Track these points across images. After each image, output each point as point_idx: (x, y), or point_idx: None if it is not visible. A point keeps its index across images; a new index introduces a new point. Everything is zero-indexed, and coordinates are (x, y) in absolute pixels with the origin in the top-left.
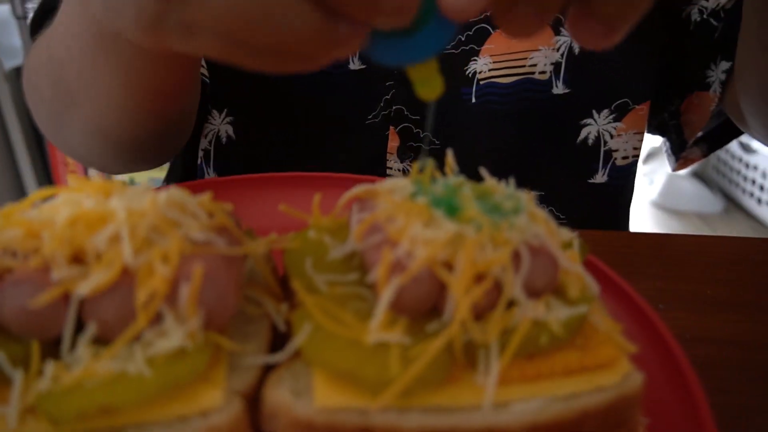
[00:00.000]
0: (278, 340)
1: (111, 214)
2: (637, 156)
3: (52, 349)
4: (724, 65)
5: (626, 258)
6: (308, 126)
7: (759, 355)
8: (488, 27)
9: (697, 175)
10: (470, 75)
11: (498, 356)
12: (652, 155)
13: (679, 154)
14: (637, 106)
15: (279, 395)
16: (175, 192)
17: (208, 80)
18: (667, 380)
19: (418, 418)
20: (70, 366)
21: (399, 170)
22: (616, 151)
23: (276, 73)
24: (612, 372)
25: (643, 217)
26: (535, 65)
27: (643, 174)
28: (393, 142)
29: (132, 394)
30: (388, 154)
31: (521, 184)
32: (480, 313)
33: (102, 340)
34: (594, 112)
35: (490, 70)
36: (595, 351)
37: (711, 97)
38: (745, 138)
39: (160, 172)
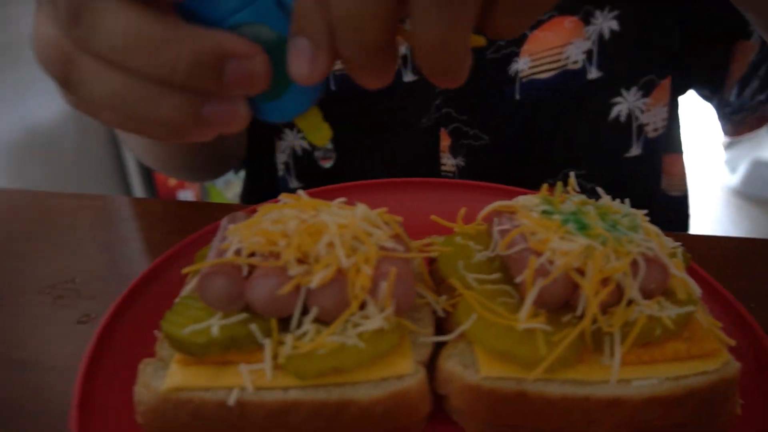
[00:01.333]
0: (437, 324)
1: (325, 226)
2: (666, 127)
3: (282, 325)
4: None
5: (717, 261)
6: (372, 132)
7: None
8: (525, 31)
9: None
10: (512, 75)
11: (620, 343)
12: (734, 143)
13: (737, 115)
14: (662, 81)
15: (451, 366)
16: (363, 208)
17: None
18: (759, 369)
19: (559, 387)
20: (300, 338)
21: (453, 165)
22: (646, 125)
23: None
24: (714, 360)
25: (723, 205)
26: (568, 57)
27: (724, 161)
28: (445, 142)
29: (353, 360)
30: (441, 153)
31: (564, 166)
32: (604, 309)
33: (320, 321)
34: (623, 90)
35: (529, 68)
36: (700, 343)
37: (752, 46)
38: None
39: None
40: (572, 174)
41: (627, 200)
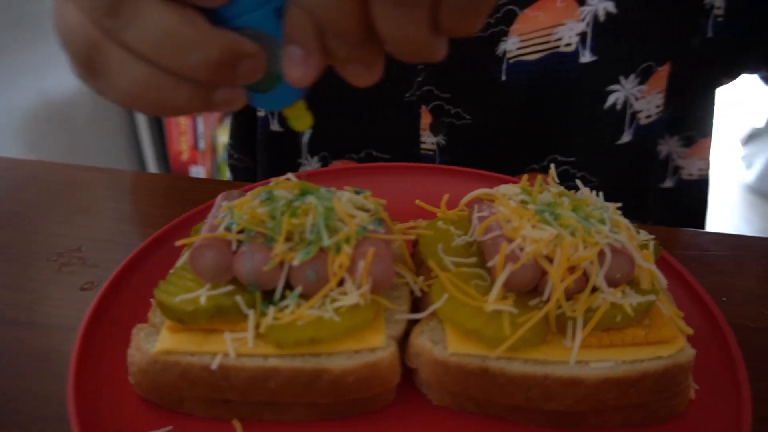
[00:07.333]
0: (414, 302)
1: (311, 208)
2: (660, 113)
3: (266, 297)
4: None
5: (698, 254)
6: (352, 101)
7: None
8: (515, 9)
9: None
10: (500, 54)
11: (582, 327)
12: (753, 137)
13: None
14: (660, 68)
15: (422, 342)
16: (349, 194)
17: None
18: (719, 359)
19: (520, 365)
20: (282, 310)
21: (433, 143)
22: (639, 112)
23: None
24: (670, 346)
25: (738, 201)
26: (560, 39)
27: (740, 157)
28: (425, 119)
29: (328, 332)
30: (421, 131)
31: (552, 152)
32: (570, 295)
33: (301, 296)
34: (621, 78)
35: (518, 49)
36: (658, 330)
37: None
38: None
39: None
40: (552, 166)
41: (602, 193)
